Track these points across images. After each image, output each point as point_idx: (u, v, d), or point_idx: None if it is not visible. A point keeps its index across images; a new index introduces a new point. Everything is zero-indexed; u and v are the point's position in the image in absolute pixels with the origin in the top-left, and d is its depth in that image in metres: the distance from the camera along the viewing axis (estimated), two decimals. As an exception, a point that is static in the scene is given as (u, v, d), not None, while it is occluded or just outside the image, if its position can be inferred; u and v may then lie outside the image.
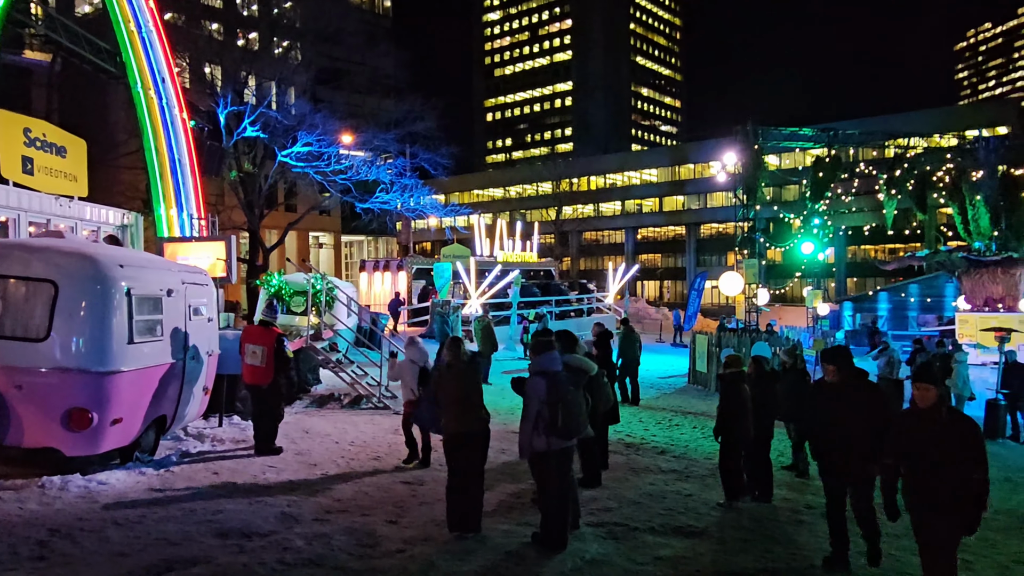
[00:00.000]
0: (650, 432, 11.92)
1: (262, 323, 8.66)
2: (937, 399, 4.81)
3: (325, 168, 21.73)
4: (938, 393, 4.83)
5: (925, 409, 4.84)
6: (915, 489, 4.93)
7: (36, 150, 11.74)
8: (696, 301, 28.92)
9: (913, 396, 4.99)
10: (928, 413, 4.82)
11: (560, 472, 5.66)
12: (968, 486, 4.73)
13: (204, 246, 14.12)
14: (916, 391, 4.89)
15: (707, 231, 69.25)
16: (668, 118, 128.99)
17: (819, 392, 6.11)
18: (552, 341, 5.88)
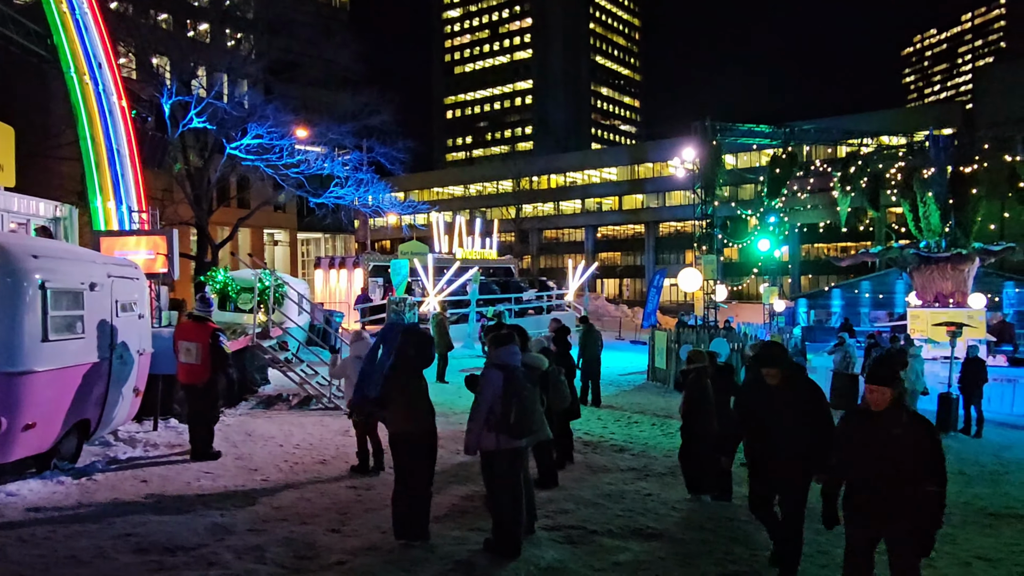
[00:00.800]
0: (609, 430, 11.68)
1: (195, 318, 8.11)
2: (892, 401, 4.23)
3: (277, 162, 21.00)
4: (895, 394, 4.25)
5: (878, 413, 4.26)
6: (858, 503, 4.37)
7: (-44, 136, 10.95)
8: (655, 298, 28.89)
9: (865, 397, 4.44)
10: (881, 417, 4.23)
11: (512, 474, 5.32)
12: (922, 500, 4.16)
13: (143, 240, 13.42)
14: (869, 393, 4.30)
15: (666, 229, 69.79)
16: (628, 117, 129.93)
17: (751, 390, 5.64)
18: (512, 334, 5.55)
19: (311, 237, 57.18)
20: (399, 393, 5.48)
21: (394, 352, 5.47)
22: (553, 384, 7.92)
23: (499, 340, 5.46)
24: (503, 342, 5.43)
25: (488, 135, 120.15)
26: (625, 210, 73.00)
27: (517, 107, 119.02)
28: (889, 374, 4.31)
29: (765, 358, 5.38)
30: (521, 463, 5.42)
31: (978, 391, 13.78)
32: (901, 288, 28.88)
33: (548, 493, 7.48)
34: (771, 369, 5.26)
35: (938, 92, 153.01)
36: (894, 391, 4.26)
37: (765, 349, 5.64)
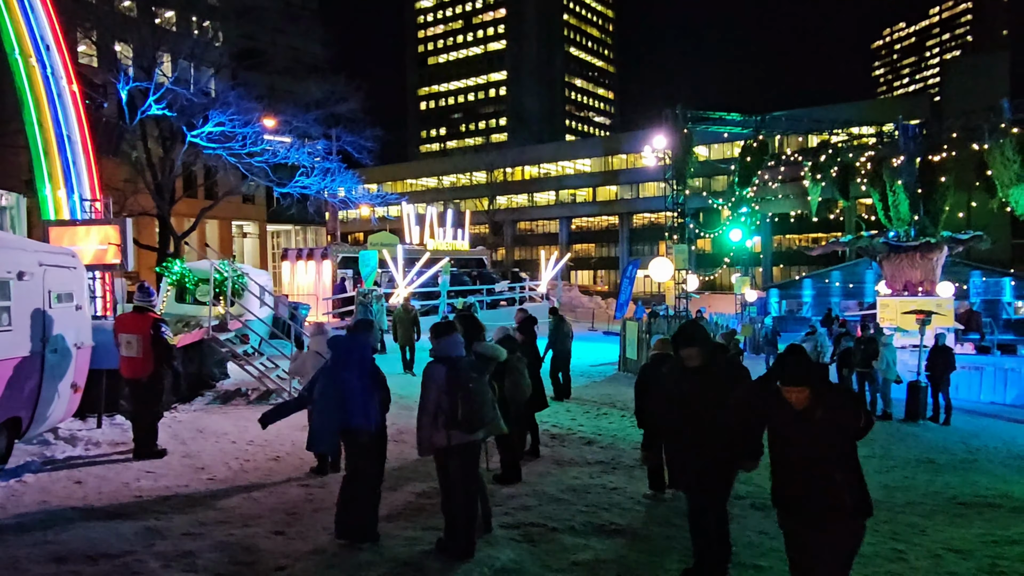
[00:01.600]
0: (577, 422, 11.45)
1: (136, 308, 7.69)
2: (811, 400, 3.81)
3: (240, 150, 20.39)
4: (812, 394, 3.81)
5: (800, 411, 3.86)
6: (786, 501, 4.01)
7: None
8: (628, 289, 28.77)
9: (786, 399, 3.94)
10: (803, 415, 3.85)
11: (464, 471, 5.02)
12: (847, 493, 3.80)
13: (95, 230, 12.86)
14: (787, 394, 3.85)
15: (640, 221, 69.91)
16: (602, 109, 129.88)
17: (670, 377, 4.97)
18: (453, 324, 5.24)
19: (281, 229, 56.27)
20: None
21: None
22: (513, 374, 7.65)
23: (440, 331, 5.14)
24: (444, 333, 5.12)
25: (462, 127, 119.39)
26: (599, 201, 72.98)
27: (491, 98, 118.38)
28: (804, 374, 3.83)
29: (683, 337, 4.77)
30: (475, 459, 5.13)
31: (946, 379, 13.79)
32: (871, 278, 29.10)
33: (511, 489, 7.21)
34: (690, 349, 4.71)
35: (907, 85, 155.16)
36: (812, 389, 3.81)
37: (683, 327, 4.95)
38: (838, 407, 3.84)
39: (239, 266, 14.60)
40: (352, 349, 5.31)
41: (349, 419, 5.16)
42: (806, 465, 3.85)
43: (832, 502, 3.79)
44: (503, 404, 7.40)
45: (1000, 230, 32.99)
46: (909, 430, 12.83)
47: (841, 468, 3.82)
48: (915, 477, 9.30)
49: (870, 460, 10.12)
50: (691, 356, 4.71)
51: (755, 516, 6.98)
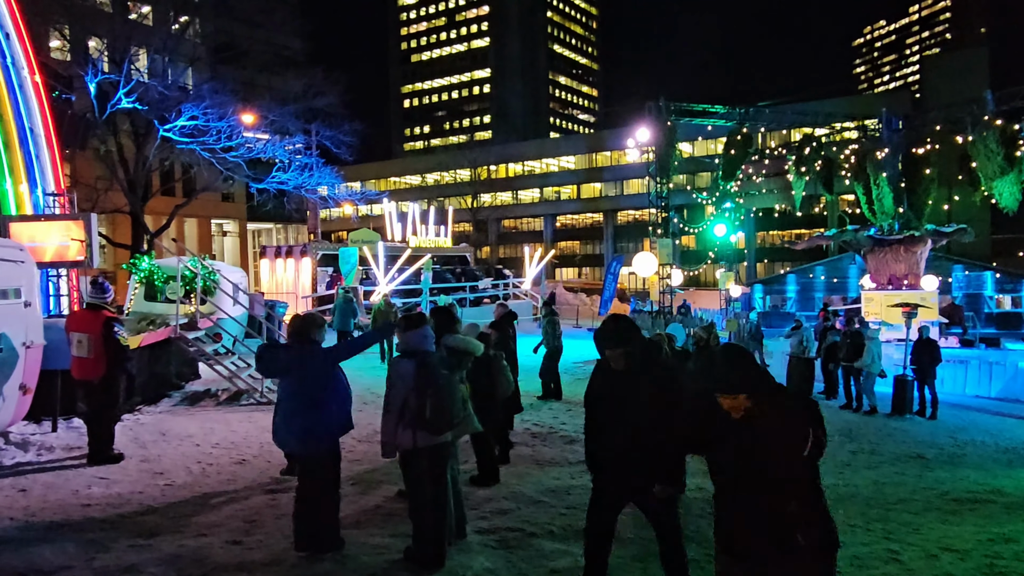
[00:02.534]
0: (559, 420, 11.12)
1: (89, 306, 7.28)
2: (752, 409, 3.12)
3: (214, 144, 19.86)
4: (754, 402, 3.12)
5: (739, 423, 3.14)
6: (729, 542, 3.22)
7: None
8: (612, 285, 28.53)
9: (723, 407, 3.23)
10: (743, 428, 3.12)
11: (433, 474, 4.67)
12: (803, 529, 3.05)
13: (58, 226, 12.36)
14: (724, 402, 3.17)
15: (624, 218, 69.82)
16: (585, 107, 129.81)
17: (597, 378, 4.27)
18: (423, 316, 4.88)
19: (262, 228, 55.56)
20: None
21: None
22: (497, 370, 7.33)
23: (408, 324, 4.79)
24: (412, 325, 4.76)
25: (446, 124, 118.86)
26: (583, 199, 72.82)
27: (475, 96, 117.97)
28: (739, 378, 3.16)
29: (607, 336, 4.04)
30: (444, 462, 4.77)
31: (932, 372, 13.61)
32: (854, 273, 29.08)
33: (487, 491, 6.88)
34: (615, 350, 4.02)
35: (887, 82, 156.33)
36: (753, 396, 3.13)
37: (606, 323, 4.18)
38: (788, 417, 3.09)
39: (211, 263, 14.13)
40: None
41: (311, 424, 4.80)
42: (751, 493, 3.08)
43: (784, 542, 3.01)
44: (485, 401, 7.09)
45: (980, 224, 33.07)
46: (896, 425, 12.64)
47: (797, 497, 3.05)
48: (905, 473, 9.07)
49: (858, 456, 9.89)
50: (616, 358, 4.03)
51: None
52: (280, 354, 5.02)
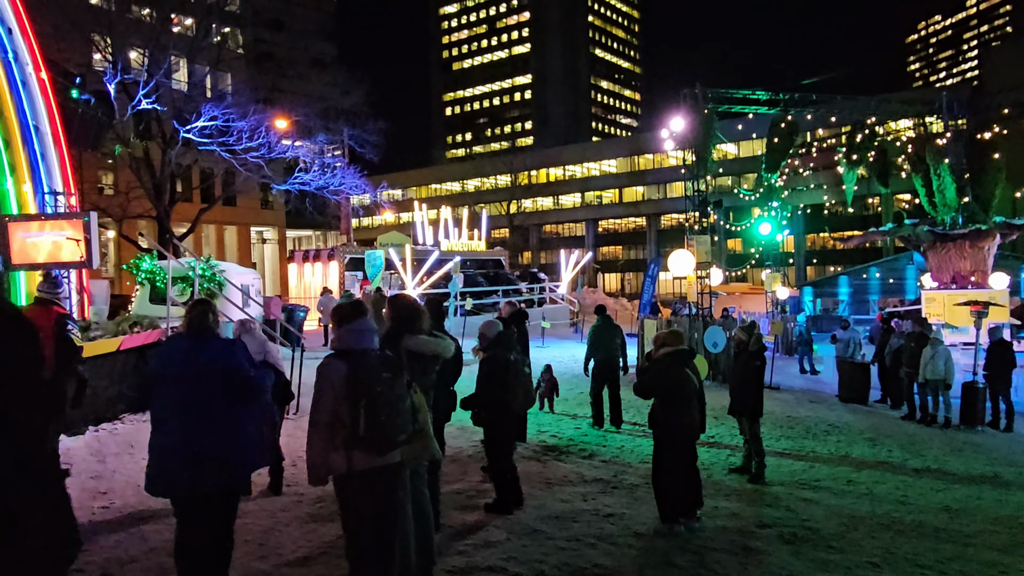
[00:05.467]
0: (581, 431, 10.03)
1: (39, 300, 6.52)
2: None
3: (234, 145, 19.37)
4: None
5: None
6: None
7: None
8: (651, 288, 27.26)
9: None
10: None
11: (375, 506, 3.66)
12: None
13: (56, 225, 11.82)
14: None
15: (667, 222, 68.09)
16: (628, 111, 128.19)
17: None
18: (360, 306, 3.87)
19: (301, 235, 55.73)
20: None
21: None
22: (515, 375, 6.31)
23: (343, 316, 3.78)
24: (347, 317, 3.76)
25: (488, 131, 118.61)
26: (626, 203, 71.39)
27: (516, 102, 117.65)
28: None
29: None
30: (391, 489, 3.74)
31: (1006, 378, 12.05)
32: (912, 273, 27.23)
33: (476, 516, 5.85)
34: None
35: (944, 79, 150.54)
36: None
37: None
38: None
39: (217, 264, 13.46)
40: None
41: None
42: None
43: None
44: (501, 410, 6.08)
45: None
46: (966, 438, 11.15)
47: None
48: (981, 497, 7.71)
49: (923, 476, 8.54)
50: None
51: (782, 551, 5.51)
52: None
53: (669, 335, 6.55)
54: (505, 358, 6.08)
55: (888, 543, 5.90)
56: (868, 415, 12.74)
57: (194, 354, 3.90)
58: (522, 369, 6.65)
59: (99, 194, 28.47)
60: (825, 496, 7.35)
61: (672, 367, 6.21)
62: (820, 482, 7.93)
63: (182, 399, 3.80)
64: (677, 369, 6.21)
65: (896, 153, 19.06)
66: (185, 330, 4.08)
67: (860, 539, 5.95)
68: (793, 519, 6.41)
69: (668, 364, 6.23)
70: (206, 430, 3.72)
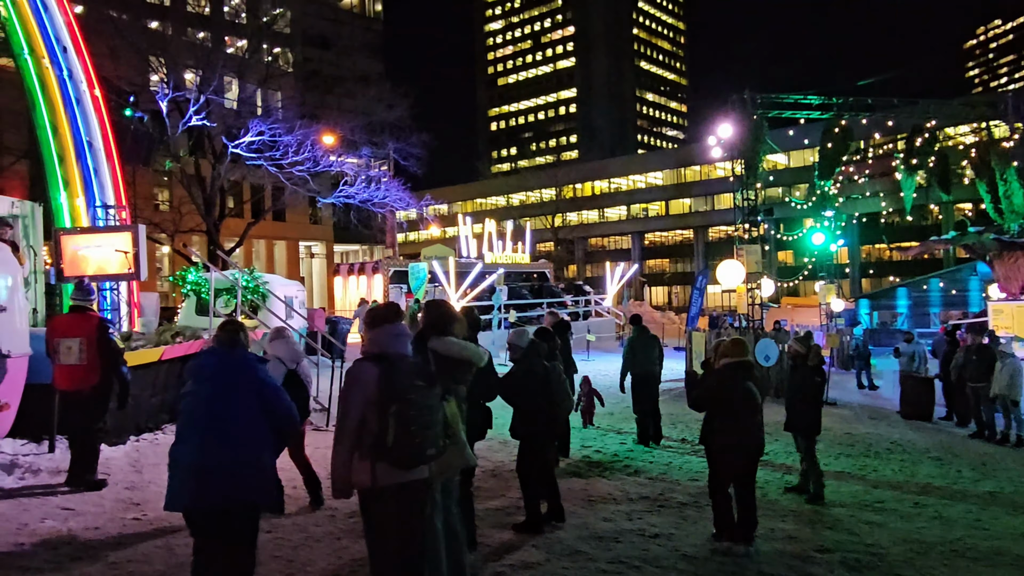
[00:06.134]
0: (626, 447, 9.65)
1: (75, 309, 6.56)
2: None
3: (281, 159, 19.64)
4: None
5: None
6: None
7: None
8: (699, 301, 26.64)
9: None
10: None
11: (400, 524, 3.42)
12: None
13: (105, 237, 12.03)
14: None
15: (716, 234, 66.93)
16: (674, 123, 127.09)
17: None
18: (395, 308, 3.66)
19: (349, 249, 56.43)
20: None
21: None
22: (557, 383, 6.05)
23: (377, 318, 3.58)
24: (381, 320, 3.55)
25: (533, 145, 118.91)
26: (672, 215, 70.52)
27: (561, 116, 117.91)
28: None
29: None
30: (419, 507, 3.50)
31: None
32: (975, 284, 26.00)
33: (510, 536, 5.56)
34: None
35: (1005, 84, 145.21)
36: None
37: None
38: None
39: (260, 276, 13.53)
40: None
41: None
42: None
43: None
44: (536, 421, 5.82)
45: None
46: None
47: None
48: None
49: (998, 498, 7.93)
50: None
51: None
52: None
53: (731, 345, 6.10)
54: (543, 367, 5.81)
55: (963, 572, 5.42)
56: (933, 433, 12.06)
57: (222, 369, 3.76)
58: (561, 378, 6.38)
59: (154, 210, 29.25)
60: (891, 519, 6.85)
61: (734, 379, 5.80)
62: (884, 504, 7.42)
63: (204, 413, 3.65)
64: (740, 382, 5.80)
65: (958, 158, 18.19)
66: (216, 345, 3.96)
67: (931, 567, 5.48)
68: (856, 544, 5.96)
69: (730, 375, 5.83)
70: (220, 444, 3.54)
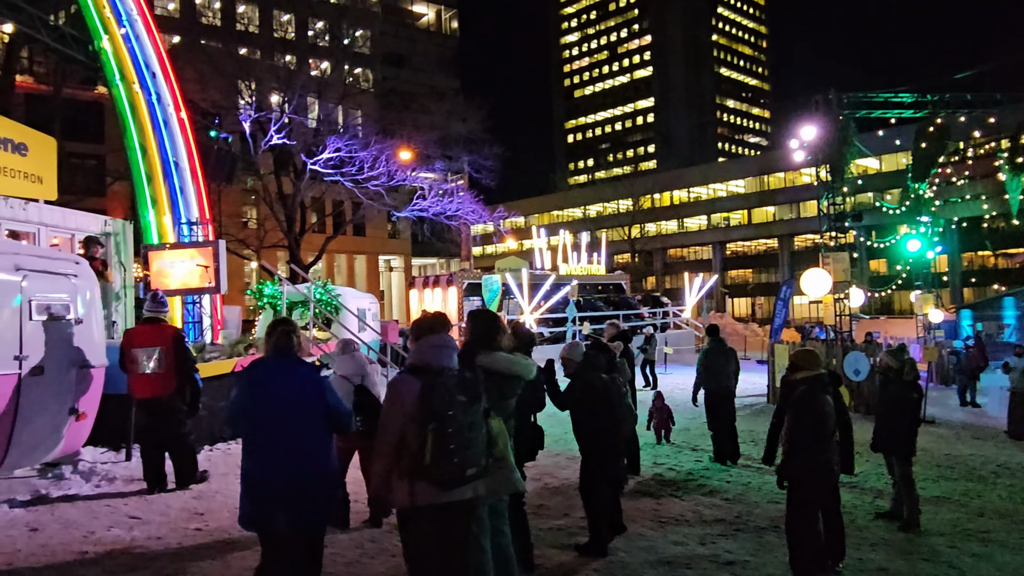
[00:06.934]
0: (702, 464, 9.20)
1: (149, 320, 6.76)
2: None
3: (356, 175, 20.08)
4: None
5: None
6: None
7: (-19, 146, 10.34)
8: (783, 312, 25.53)
9: None
10: None
11: (440, 546, 3.22)
12: None
13: (187, 252, 12.51)
14: None
15: (802, 243, 64.38)
16: (756, 129, 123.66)
17: None
18: (441, 318, 3.49)
19: (426, 263, 57.35)
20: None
21: None
22: (617, 399, 5.78)
23: (422, 329, 3.41)
24: (427, 331, 3.38)
25: (610, 156, 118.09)
26: (755, 224, 68.30)
27: (639, 126, 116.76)
28: None
29: None
30: (461, 529, 3.29)
31: None
32: (1095, 293, 23.89)
33: (570, 558, 5.29)
34: None
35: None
36: None
37: None
38: None
39: (333, 288, 13.74)
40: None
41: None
42: None
43: None
44: (596, 437, 5.57)
45: None
46: None
47: None
48: None
49: None
50: None
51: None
52: None
53: (802, 355, 5.66)
54: (602, 380, 5.54)
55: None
56: (1048, 455, 11.00)
57: (284, 382, 3.70)
58: (620, 392, 6.06)
59: (242, 227, 30.51)
60: (997, 551, 6.19)
61: (810, 394, 5.34)
62: (989, 534, 6.72)
63: (270, 427, 3.59)
64: (816, 396, 5.33)
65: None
66: (271, 353, 3.89)
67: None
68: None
69: (805, 390, 5.37)
70: (289, 459, 3.50)
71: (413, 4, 54.46)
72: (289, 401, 3.65)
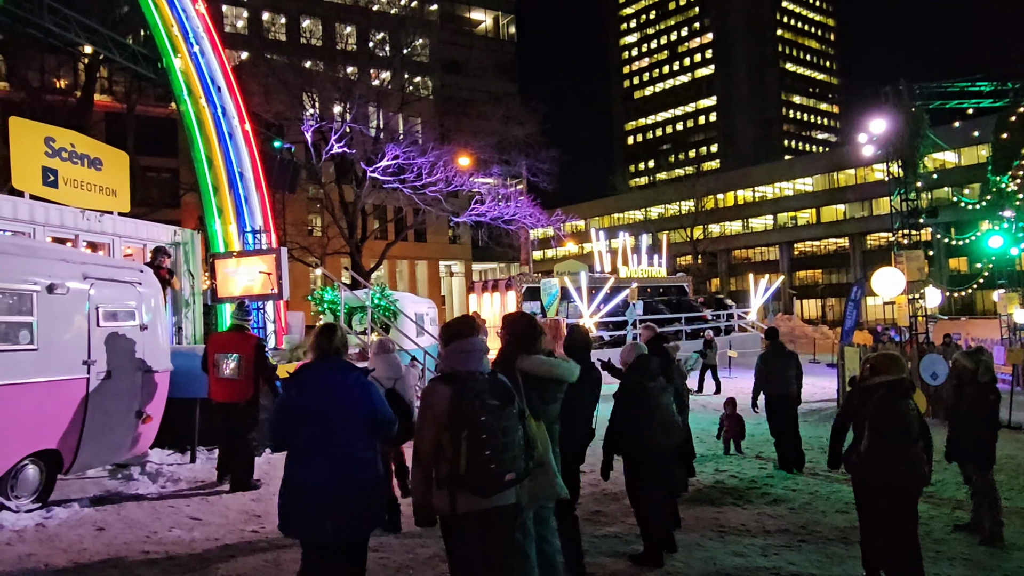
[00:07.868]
0: (766, 472, 8.88)
1: (235, 327, 6.98)
2: None
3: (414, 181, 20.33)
4: None
5: None
6: None
7: (61, 161, 10.84)
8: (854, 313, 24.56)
9: None
10: None
11: (483, 553, 3.15)
12: None
13: (251, 260, 12.86)
14: None
15: (874, 241, 61.94)
16: (825, 125, 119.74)
17: None
18: (470, 322, 3.42)
19: (486, 267, 57.69)
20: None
21: None
22: (655, 406, 5.60)
23: (451, 333, 3.35)
24: (454, 335, 3.32)
25: (671, 157, 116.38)
26: (824, 223, 66.04)
27: (701, 126, 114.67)
28: None
29: None
30: (504, 536, 3.21)
31: None
32: None
33: (626, 566, 5.14)
34: None
35: None
36: None
37: None
38: None
39: (391, 294, 13.90)
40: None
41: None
42: None
43: None
44: (635, 445, 5.43)
45: None
46: None
47: None
48: None
49: None
50: None
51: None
52: None
53: (883, 359, 5.13)
54: (641, 385, 5.36)
55: None
56: None
57: (334, 388, 3.66)
58: (659, 399, 5.77)
59: (307, 235, 31.31)
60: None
61: (889, 399, 4.98)
62: (1084, 550, 6.24)
63: (315, 431, 3.57)
64: (896, 402, 4.96)
65: None
66: (317, 358, 3.88)
67: None
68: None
69: (884, 395, 5.00)
70: (335, 465, 3.46)
71: (471, 11, 54.99)
72: (335, 406, 3.60)
